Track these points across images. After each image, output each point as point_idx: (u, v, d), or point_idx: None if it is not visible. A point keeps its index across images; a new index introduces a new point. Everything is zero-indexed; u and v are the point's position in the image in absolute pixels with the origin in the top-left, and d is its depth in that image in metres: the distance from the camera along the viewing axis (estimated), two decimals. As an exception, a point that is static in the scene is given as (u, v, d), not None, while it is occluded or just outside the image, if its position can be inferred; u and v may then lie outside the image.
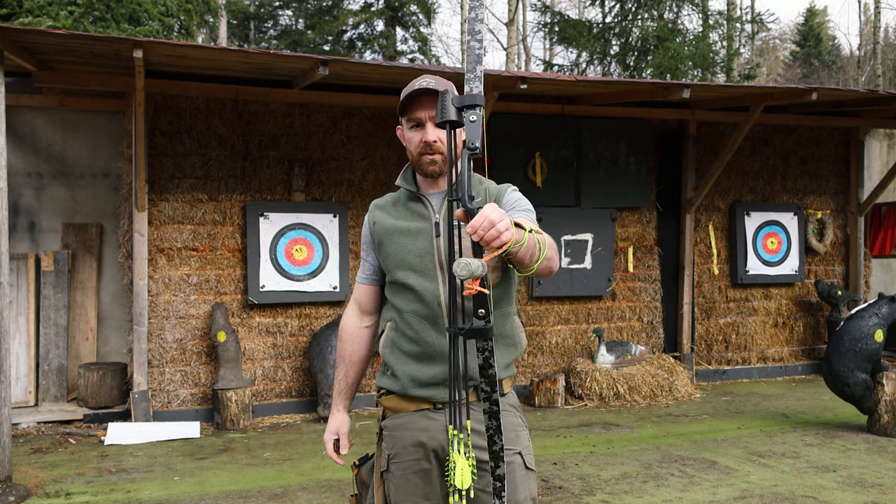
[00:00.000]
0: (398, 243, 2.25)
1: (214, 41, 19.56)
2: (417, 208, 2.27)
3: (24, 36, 5.18)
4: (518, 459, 2.20)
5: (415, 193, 2.28)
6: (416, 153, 2.23)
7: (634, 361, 7.66)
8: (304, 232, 6.99)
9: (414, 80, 2.24)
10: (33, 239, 6.92)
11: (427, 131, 2.19)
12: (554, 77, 6.59)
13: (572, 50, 17.16)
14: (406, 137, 2.26)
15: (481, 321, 1.88)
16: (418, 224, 2.24)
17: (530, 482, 2.22)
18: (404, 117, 2.25)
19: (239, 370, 6.66)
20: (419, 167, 2.25)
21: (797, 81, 28.46)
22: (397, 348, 2.23)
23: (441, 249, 2.20)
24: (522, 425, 2.28)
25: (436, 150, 2.20)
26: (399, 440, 2.21)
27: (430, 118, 2.19)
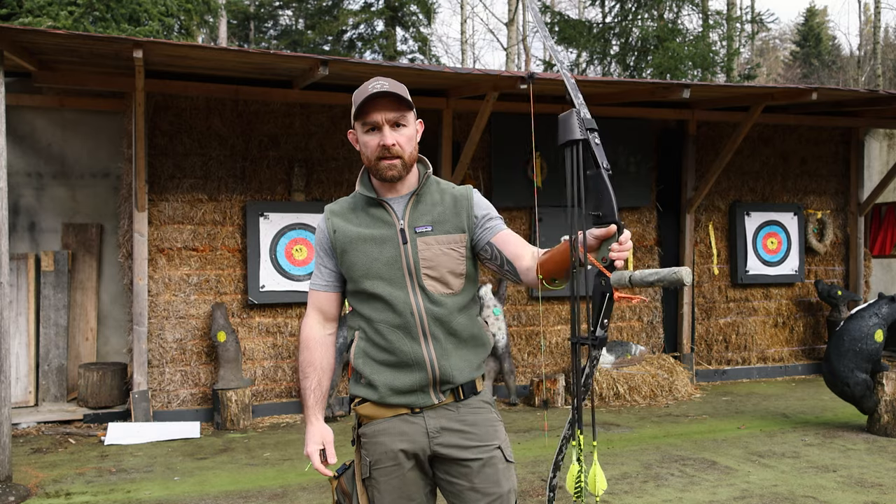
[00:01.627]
0: (363, 252, 2.21)
1: (214, 41, 19.56)
2: (380, 214, 2.23)
3: (24, 36, 5.18)
4: (498, 454, 2.23)
5: (375, 199, 2.24)
6: (373, 157, 2.18)
7: (634, 361, 7.66)
8: (304, 232, 6.99)
9: (365, 83, 2.20)
10: (33, 239, 6.92)
11: (385, 135, 2.15)
12: (554, 77, 6.59)
13: (572, 50, 17.16)
14: (361, 142, 2.21)
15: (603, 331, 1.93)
16: (383, 231, 2.21)
17: (511, 474, 2.26)
18: (359, 121, 2.19)
19: (239, 370, 6.66)
20: (377, 172, 2.20)
21: (797, 81, 28.46)
22: (370, 358, 2.21)
23: (409, 257, 2.18)
24: (498, 419, 2.31)
25: (394, 154, 2.16)
26: (379, 446, 2.20)
27: (387, 121, 2.15)
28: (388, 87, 2.14)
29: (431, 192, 2.28)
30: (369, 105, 2.15)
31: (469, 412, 2.23)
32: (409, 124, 2.20)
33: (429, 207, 2.24)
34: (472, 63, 28.73)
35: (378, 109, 2.15)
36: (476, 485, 2.19)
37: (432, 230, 2.21)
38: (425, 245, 2.19)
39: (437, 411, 2.20)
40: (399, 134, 2.17)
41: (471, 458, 2.19)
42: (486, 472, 2.19)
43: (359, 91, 2.20)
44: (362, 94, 2.17)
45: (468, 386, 2.23)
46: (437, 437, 2.18)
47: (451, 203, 2.26)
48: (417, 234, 2.20)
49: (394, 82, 2.18)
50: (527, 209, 7.71)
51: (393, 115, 2.16)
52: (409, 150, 2.20)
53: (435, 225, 2.22)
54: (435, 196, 2.27)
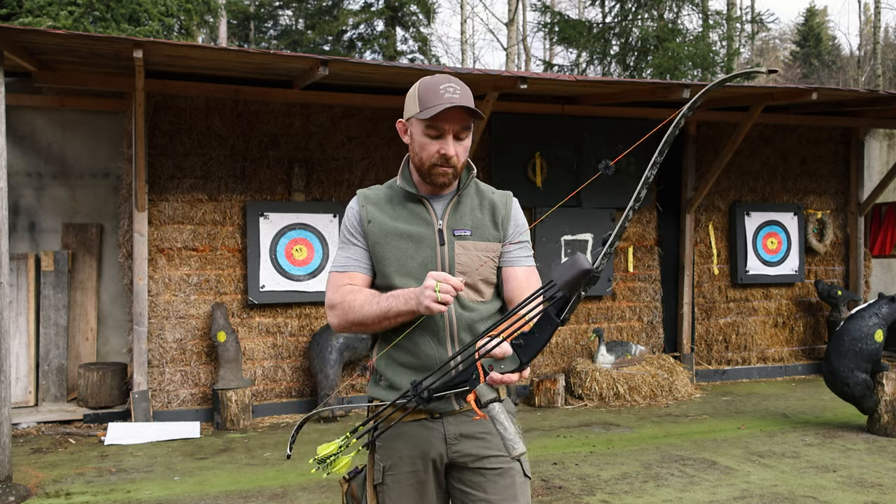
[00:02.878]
0: (398, 248, 2.13)
1: (214, 41, 19.56)
2: (419, 211, 2.17)
3: (24, 36, 5.18)
4: (517, 466, 2.16)
5: (416, 195, 2.17)
6: (428, 162, 2.11)
7: (634, 361, 7.66)
8: (304, 232, 6.99)
9: (434, 79, 2.10)
10: (33, 239, 6.92)
11: (448, 144, 2.08)
12: (554, 77, 6.59)
13: (572, 50, 17.17)
14: (417, 140, 2.12)
15: (428, 398, 1.92)
16: (421, 229, 2.14)
17: (527, 491, 2.19)
18: (424, 122, 2.08)
19: (239, 370, 6.66)
20: (428, 176, 2.13)
21: (797, 81, 28.46)
22: (393, 360, 2.13)
23: (445, 259, 2.12)
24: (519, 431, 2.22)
25: (451, 164, 2.10)
26: (395, 451, 2.13)
27: (453, 130, 2.08)
28: (461, 98, 2.06)
29: (471, 194, 2.22)
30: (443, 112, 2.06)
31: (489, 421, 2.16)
32: (470, 135, 2.15)
33: (469, 210, 2.19)
34: (472, 63, 28.72)
35: (450, 119, 2.07)
36: (490, 496, 2.10)
37: (471, 235, 2.15)
38: (463, 249, 2.14)
39: (457, 418, 2.12)
40: (460, 144, 2.11)
41: (487, 468, 2.12)
42: (501, 484, 2.12)
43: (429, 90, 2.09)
44: (435, 98, 2.06)
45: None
46: (455, 444, 2.12)
47: (489, 209, 2.21)
48: (456, 236, 2.14)
49: (465, 89, 2.10)
50: (527, 209, 7.71)
51: (462, 126, 2.10)
52: (464, 159, 2.15)
53: (474, 230, 2.16)
54: (475, 200, 2.22)
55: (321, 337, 6.80)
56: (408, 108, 2.15)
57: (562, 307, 1.77)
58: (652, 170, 1.75)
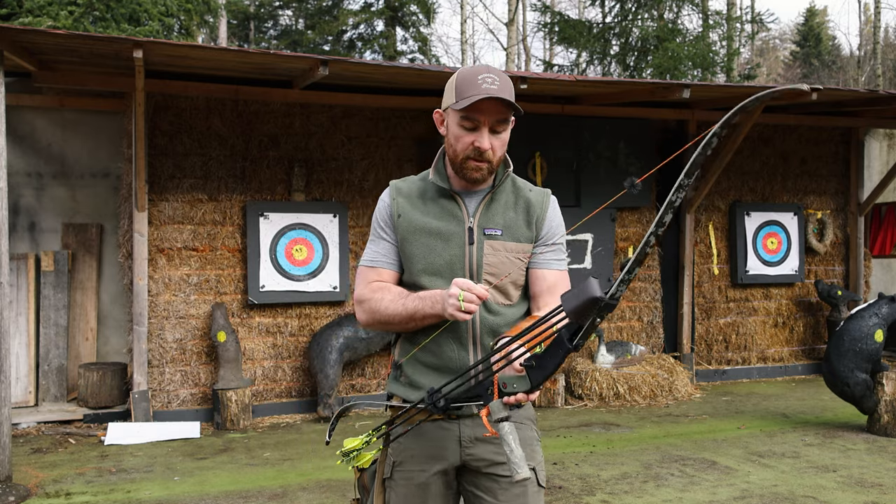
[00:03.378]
0: (426, 245, 2.08)
1: (214, 41, 19.56)
2: (450, 207, 2.11)
3: (24, 36, 5.18)
4: (532, 476, 2.10)
5: (448, 191, 2.11)
6: (461, 154, 2.05)
7: (634, 361, 7.66)
8: (304, 232, 6.99)
9: (473, 69, 2.03)
10: (33, 239, 6.92)
11: (483, 137, 2.02)
12: (554, 77, 6.59)
13: (572, 50, 17.17)
14: (452, 132, 2.06)
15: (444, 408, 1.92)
16: (450, 226, 2.08)
17: (540, 500, 2.14)
18: (459, 112, 2.02)
19: (239, 370, 6.66)
20: (461, 169, 2.07)
21: (797, 81, 28.44)
22: (416, 359, 2.10)
23: (473, 258, 2.07)
24: (537, 439, 2.18)
25: (485, 159, 2.04)
26: (408, 449, 2.11)
27: (489, 123, 2.02)
28: (499, 90, 1.98)
29: (507, 191, 2.15)
30: (479, 103, 1.99)
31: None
32: (508, 129, 2.08)
33: (502, 209, 2.12)
34: (472, 63, 28.73)
35: (485, 110, 2.00)
36: (501, 502, 2.08)
37: (502, 234, 2.09)
38: (492, 249, 2.08)
39: (474, 420, 2.08)
40: (496, 138, 2.05)
41: (500, 475, 2.08)
42: (513, 492, 2.08)
43: (467, 80, 2.02)
44: (472, 88, 1.99)
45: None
46: (470, 448, 2.08)
47: (524, 208, 2.13)
48: (486, 235, 2.08)
49: (504, 80, 2.02)
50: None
51: (498, 118, 2.03)
52: (500, 154, 2.08)
53: (506, 230, 2.10)
54: (510, 197, 2.15)
55: (321, 337, 6.80)
56: (445, 98, 2.09)
57: (575, 332, 1.71)
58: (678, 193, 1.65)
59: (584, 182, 7.79)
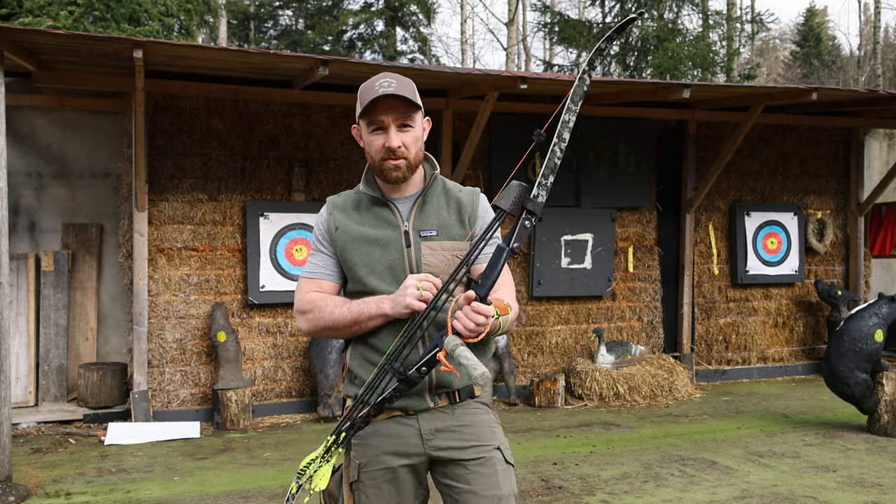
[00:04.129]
0: (366, 253, 2.16)
1: (214, 41, 19.56)
2: (384, 214, 2.19)
3: (24, 36, 5.18)
4: (498, 455, 2.18)
5: (380, 199, 2.20)
6: (377, 158, 2.14)
7: (634, 361, 7.66)
8: (304, 232, 6.99)
9: (372, 79, 2.13)
10: (33, 239, 6.92)
11: (390, 136, 2.10)
12: (554, 77, 6.59)
13: (572, 50, 17.17)
14: (366, 140, 2.17)
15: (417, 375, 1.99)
16: (387, 233, 2.16)
17: (510, 477, 2.20)
18: (364, 119, 2.14)
19: (239, 370, 6.66)
20: (381, 172, 2.16)
21: (797, 81, 28.46)
22: (367, 360, 2.16)
23: (412, 260, 2.14)
24: (496, 422, 2.26)
25: (399, 156, 2.12)
26: (371, 448, 2.16)
27: (394, 122, 2.10)
28: (396, 88, 2.08)
29: (437, 193, 2.24)
30: (376, 105, 2.09)
31: (465, 413, 2.19)
32: (416, 125, 2.16)
33: (435, 210, 2.21)
34: (472, 63, 28.73)
35: (385, 110, 2.10)
36: (474, 487, 2.13)
37: (437, 235, 2.17)
38: (430, 250, 2.15)
39: (431, 414, 2.15)
40: (405, 135, 2.13)
41: (467, 459, 2.14)
42: (484, 473, 2.14)
43: (365, 87, 2.13)
44: (369, 93, 2.09)
45: (465, 390, 2.19)
46: (432, 440, 2.14)
47: (455, 208, 2.22)
48: (422, 237, 2.16)
49: (402, 80, 2.12)
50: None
51: (400, 116, 2.11)
52: (415, 151, 2.16)
53: (441, 229, 2.18)
54: (441, 199, 2.23)
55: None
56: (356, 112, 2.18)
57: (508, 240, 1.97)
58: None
59: (584, 182, 7.79)
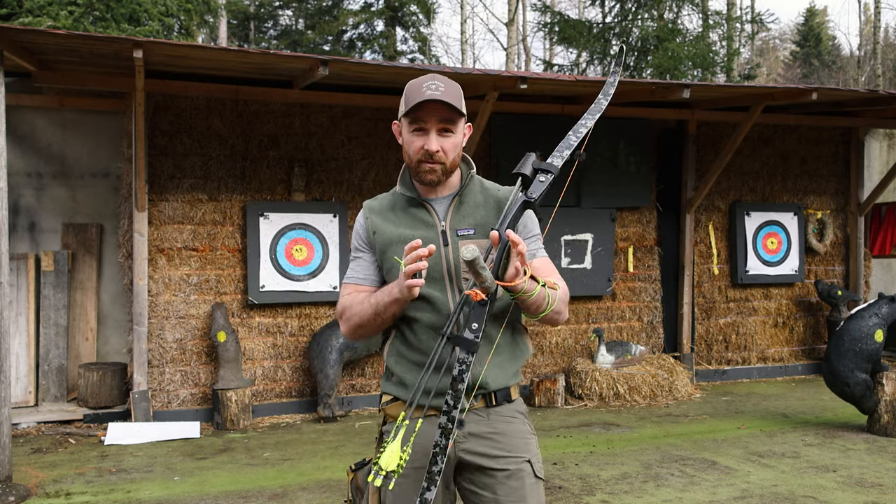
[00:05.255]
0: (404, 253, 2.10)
1: (214, 41, 19.56)
2: (421, 215, 2.18)
3: (24, 36, 5.18)
4: (527, 468, 2.14)
5: (416, 199, 2.19)
6: (414, 158, 2.13)
7: (634, 361, 7.66)
8: (304, 232, 6.99)
9: (420, 78, 2.12)
10: (33, 239, 6.92)
11: (430, 139, 2.10)
12: (554, 77, 6.59)
13: (572, 50, 17.18)
14: (405, 139, 2.16)
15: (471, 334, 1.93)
16: (424, 233, 2.15)
17: (539, 492, 2.16)
18: (407, 118, 2.13)
19: (239, 370, 6.66)
20: (416, 174, 2.15)
21: (797, 81, 28.46)
22: (404, 358, 2.16)
23: (450, 259, 2.12)
24: (531, 432, 2.21)
25: (436, 160, 2.11)
26: None
27: (436, 125, 2.09)
28: (443, 94, 2.06)
29: (474, 192, 2.22)
30: (422, 107, 2.08)
31: (500, 420, 2.15)
32: (458, 131, 2.14)
33: (471, 209, 2.19)
34: (472, 63, 28.73)
35: (429, 113, 2.08)
36: (500, 497, 2.09)
37: (475, 234, 2.15)
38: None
39: (466, 415, 2.11)
40: (445, 140, 2.11)
41: (497, 469, 2.11)
42: (511, 485, 2.10)
43: (412, 87, 2.11)
44: (416, 95, 2.08)
45: (502, 393, 2.15)
46: (463, 443, 2.11)
47: (494, 206, 2.19)
48: (460, 236, 2.14)
49: (450, 85, 2.11)
50: (527, 209, 7.71)
51: (443, 120, 2.10)
52: (453, 156, 2.14)
53: (478, 228, 2.15)
54: (478, 197, 2.21)
55: (321, 337, 6.80)
56: (400, 110, 2.18)
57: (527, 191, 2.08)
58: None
59: (584, 182, 7.79)
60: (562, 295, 2.12)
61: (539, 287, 1.99)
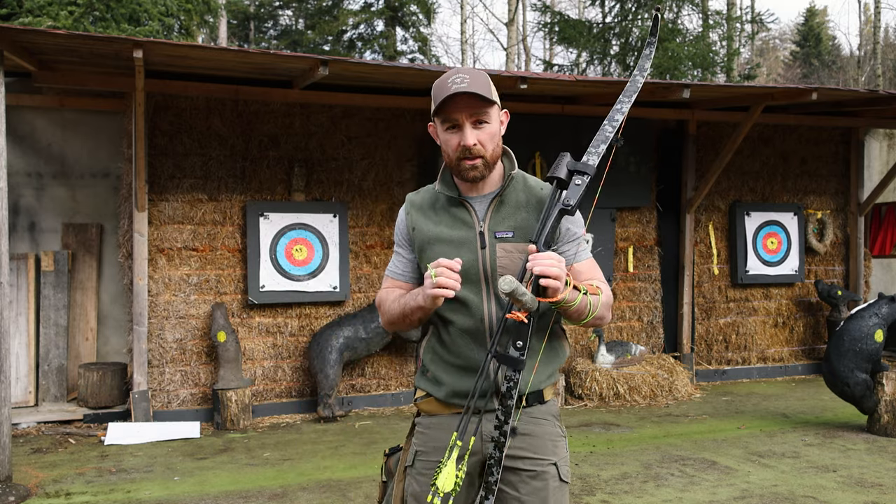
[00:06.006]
0: (441, 253, 2.10)
1: (214, 41, 19.56)
2: (460, 214, 2.14)
3: (24, 36, 5.18)
4: (553, 471, 2.13)
5: (457, 199, 2.14)
6: (454, 157, 2.08)
7: (634, 361, 7.66)
8: (304, 232, 6.99)
9: (445, 74, 2.07)
10: (33, 239, 6.92)
11: (465, 134, 2.04)
12: (554, 77, 6.59)
13: (572, 50, 17.17)
14: (442, 139, 2.11)
15: (517, 352, 1.94)
16: (462, 233, 2.11)
17: (562, 495, 2.14)
18: (439, 118, 2.08)
19: (239, 370, 6.66)
20: (458, 172, 2.10)
21: (797, 81, 28.46)
22: (438, 357, 2.16)
23: (486, 262, 2.09)
24: (561, 435, 2.19)
25: (476, 154, 2.06)
26: (431, 439, 2.15)
27: (468, 119, 2.04)
28: (468, 85, 2.01)
29: (517, 191, 2.16)
30: (449, 103, 2.03)
31: (530, 421, 2.13)
32: (492, 120, 2.09)
33: (512, 210, 2.13)
34: (472, 63, 28.73)
35: (458, 107, 2.03)
36: (522, 496, 2.09)
37: (513, 236, 2.10)
38: (504, 252, 2.09)
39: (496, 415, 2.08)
40: (481, 132, 2.06)
41: (522, 469, 2.10)
42: (535, 486, 2.09)
43: (438, 85, 2.07)
44: (442, 91, 2.04)
45: (534, 395, 2.14)
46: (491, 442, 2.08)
47: (535, 206, 2.13)
48: (498, 239, 2.10)
49: (475, 75, 2.06)
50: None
51: (474, 112, 2.04)
52: (492, 147, 2.09)
53: (517, 231, 2.10)
54: (520, 196, 2.15)
55: (321, 337, 6.80)
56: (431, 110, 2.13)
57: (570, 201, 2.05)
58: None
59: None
60: (605, 300, 2.08)
61: (581, 296, 1.97)
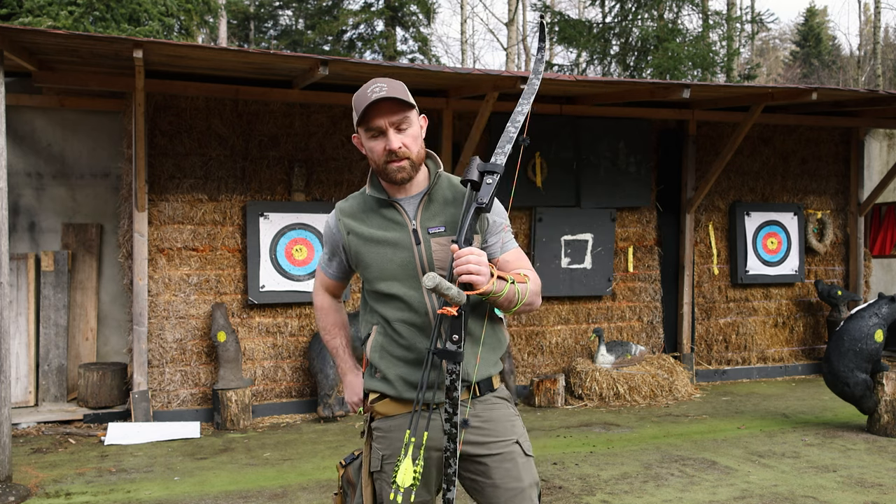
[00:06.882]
0: (378, 253, 2.22)
1: (214, 41, 19.56)
2: (392, 215, 2.24)
3: (24, 36, 5.18)
4: (517, 448, 2.25)
5: (387, 201, 2.24)
6: (381, 162, 2.18)
7: (634, 361, 7.66)
8: (304, 232, 6.99)
9: (364, 86, 2.19)
10: (33, 239, 6.92)
11: (390, 139, 2.15)
12: (554, 77, 6.59)
13: (572, 50, 17.17)
14: (367, 147, 2.22)
15: (453, 345, 2.03)
16: (396, 234, 2.22)
17: (531, 468, 2.27)
18: (362, 127, 2.19)
19: (239, 370, 6.66)
20: (386, 175, 2.21)
21: (797, 81, 28.46)
22: (387, 353, 2.24)
23: (423, 257, 2.19)
24: (515, 414, 2.32)
25: (402, 156, 2.17)
26: (395, 441, 2.22)
27: (391, 125, 2.15)
28: (387, 91, 2.13)
29: (443, 189, 2.28)
30: (371, 111, 2.14)
31: (485, 408, 2.25)
32: (413, 123, 2.20)
33: (441, 207, 2.25)
34: (472, 63, 28.72)
35: (380, 114, 2.15)
36: (496, 481, 2.20)
37: (445, 230, 2.21)
38: (439, 246, 2.20)
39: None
40: (404, 135, 2.17)
41: (488, 454, 2.21)
42: (505, 468, 2.21)
43: (359, 96, 2.19)
44: (363, 101, 2.15)
45: (484, 383, 2.25)
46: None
47: (462, 202, 2.24)
48: (431, 234, 2.20)
49: (392, 83, 2.17)
50: (527, 209, 7.71)
51: (395, 117, 2.15)
52: (416, 149, 2.20)
53: (448, 225, 2.22)
54: (447, 194, 2.27)
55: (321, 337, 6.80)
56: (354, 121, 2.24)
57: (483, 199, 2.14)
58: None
59: (584, 182, 7.79)
60: (532, 287, 2.20)
61: (508, 285, 2.09)
